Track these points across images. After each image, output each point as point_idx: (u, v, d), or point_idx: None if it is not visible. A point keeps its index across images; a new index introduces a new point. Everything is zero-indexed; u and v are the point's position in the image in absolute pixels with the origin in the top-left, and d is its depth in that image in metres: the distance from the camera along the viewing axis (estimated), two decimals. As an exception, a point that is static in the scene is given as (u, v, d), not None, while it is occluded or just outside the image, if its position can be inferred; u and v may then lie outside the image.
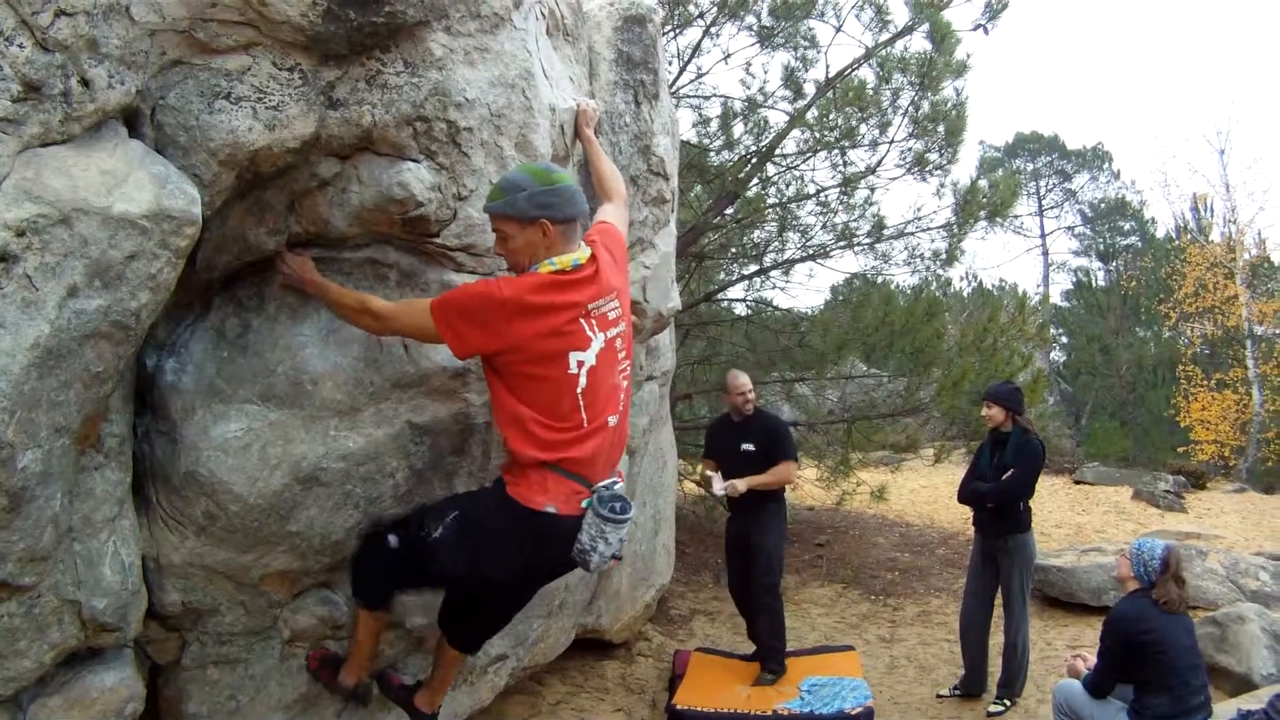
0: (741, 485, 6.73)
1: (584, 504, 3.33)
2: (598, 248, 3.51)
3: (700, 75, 11.53)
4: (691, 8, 10.98)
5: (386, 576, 3.70)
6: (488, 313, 3.22)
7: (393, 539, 3.62)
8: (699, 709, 6.20)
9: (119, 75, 2.87)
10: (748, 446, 7.01)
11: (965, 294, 27.20)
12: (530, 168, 3.39)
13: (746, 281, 12.50)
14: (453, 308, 3.26)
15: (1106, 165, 36.13)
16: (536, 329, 3.23)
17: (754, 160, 11.44)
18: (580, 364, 3.31)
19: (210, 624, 3.71)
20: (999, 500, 6.56)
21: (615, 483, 3.46)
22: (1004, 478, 6.52)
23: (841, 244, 11.50)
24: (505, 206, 3.31)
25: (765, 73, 14.14)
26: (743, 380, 7.18)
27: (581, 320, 3.34)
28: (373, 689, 4.00)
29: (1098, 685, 4.92)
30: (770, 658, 6.85)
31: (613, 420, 3.46)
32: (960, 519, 12.50)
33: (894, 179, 11.05)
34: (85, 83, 2.77)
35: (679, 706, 6.23)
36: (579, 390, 3.31)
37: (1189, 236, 26.15)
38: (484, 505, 3.54)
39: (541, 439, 3.30)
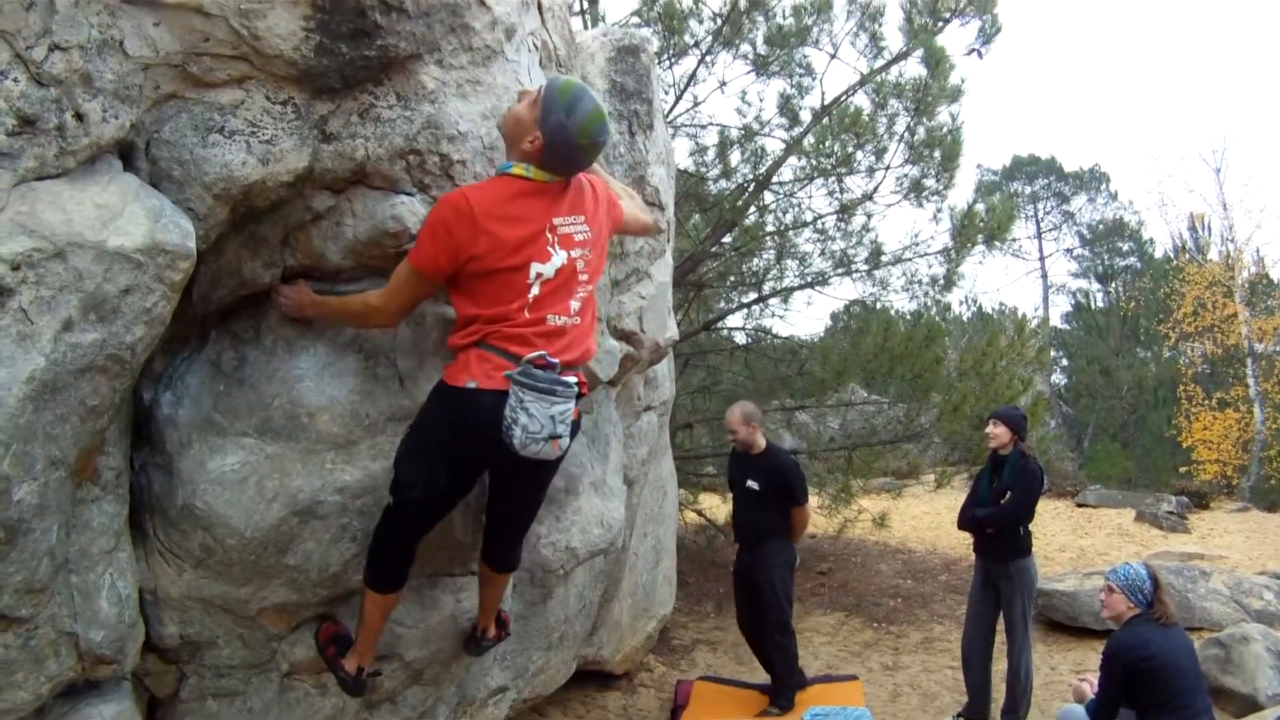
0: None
1: (506, 374, 3.24)
2: (575, 177, 3.54)
3: (696, 104, 11.61)
4: (687, 37, 11.05)
5: (394, 545, 3.61)
6: (456, 226, 3.21)
7: (389, 500, 3.58)
8: (702, 739, 6.18)
9: (113, 109, 2.90)
10: (751, 484, 6.95)
11: (965, 318, 27.33)
12: (594, 114, 3.35)
13: (745, 310, 12.51)
14: (424, 244, 3.28)
15: (1104, 186, 36.22)
16: (503, 236, 3.24)
17: (751, 188, 11.49)
18: (539, 275, 3.32)
19: (208, 657, 3.69)
20: (998, 525, 6.54)
21: (553, 361, 3.31)
22: (1003, 502, 6.51)
23: (840, 271, 11.52)
24: (545, 98, 3.32)
25: (761, 101, 14.23)
26: (732, 415, 7.09)
27: (547, 234, 3.35)
28: (369, 683, 3.87)
29: (1100, 713, 4.89)
30: (782, 693, 6.80)
31: (555, 320, 3.39)
32: (962, 545, 12.46)
33: (891, 205, 11.09)
34: (80, 117, 2.80)
35: (682, 736, 6.21)
36: (529, 296, 3.31)
37: (1187, 256, 26.19)
38: (425, 405, 3.55)
39: (475, 328, 3.32)
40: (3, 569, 2.71)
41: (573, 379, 3.34)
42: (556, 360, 3.30)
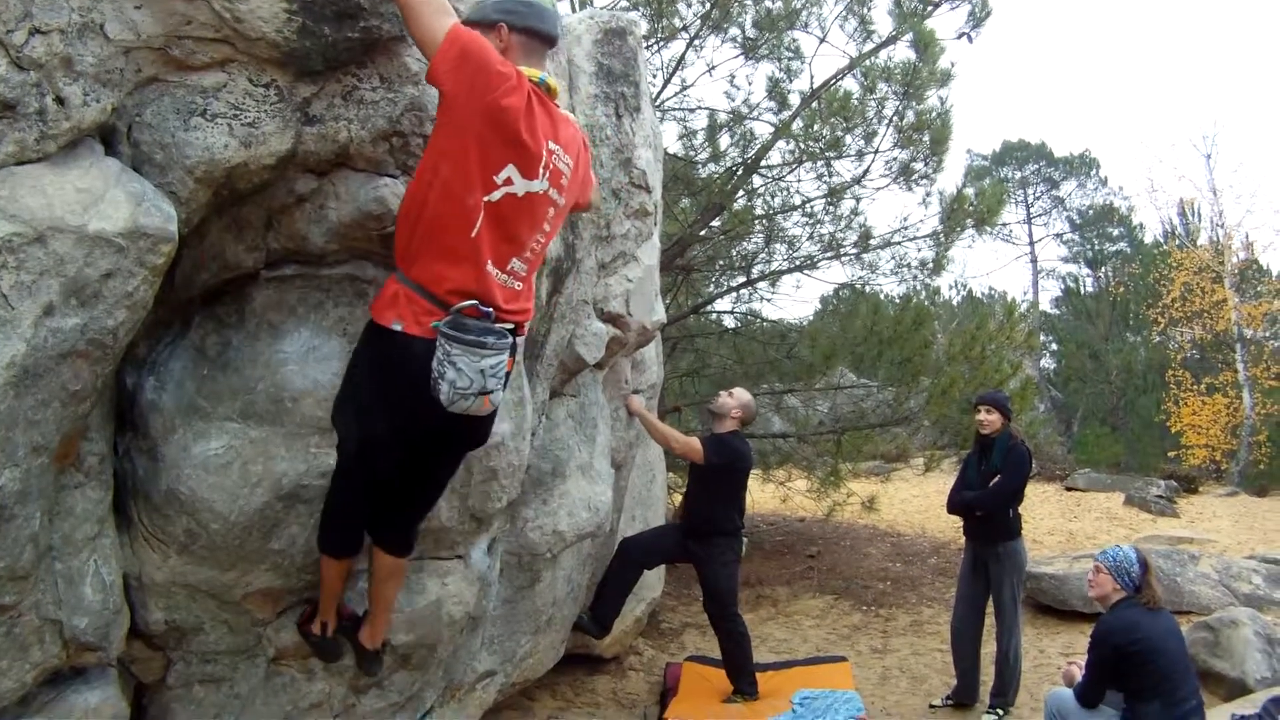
0: (635, 399, 6.37)
1: (433, 325, 3.07)
2: (569, 121, 3.46)
3: (685, 88, 11.60)
4: (675, 20, 11.02)
5: (340, 507, 3.51)
6: (482, 49, 3.02)
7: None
8: (691, 722, 6.18)
9: (94, 93, 2.87)
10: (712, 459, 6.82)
11: (954, 303, 27.33)
12: None
13: (734, 293, 12.54)
14: (466, 33, 3.03)
15: (1094, 172, 36.21)
16: (494, 91, 3.02)
17: (740, 172, 11.49)
18: (508, 182, 3.11)
19: (194, 643, 3.69)
20: (988, 508, 6.56)
21: (486, 310, 3.13)
22: (991, 485, 6.53)
23: (828, 255, 11.54)
24: (473, 12, 3.26)
25: (750, 84, 14.33)
26: (738, 395, 6.84)
27: (545, 151, 3.20)
28: (343, 645, 3.84)
29: (1087, 696, 4.91)
30: (741, 679, 6.72)
31: (490, 268, 3.16)
32: (951, 528, 12.50)
33: (880, 189, 11.12)
34: (60, 101, 2.77)
35: (670, 720, 6.21)
36: (477, 221, 3.10)
37: (1177, 241, 26.16)
38: (356, 348, 3.42)
39: (408, 248, 3.17)
40: (-15, 555, 2.70)
41: (506, 327, 3.20)
42: (490, 309, 3.15)
